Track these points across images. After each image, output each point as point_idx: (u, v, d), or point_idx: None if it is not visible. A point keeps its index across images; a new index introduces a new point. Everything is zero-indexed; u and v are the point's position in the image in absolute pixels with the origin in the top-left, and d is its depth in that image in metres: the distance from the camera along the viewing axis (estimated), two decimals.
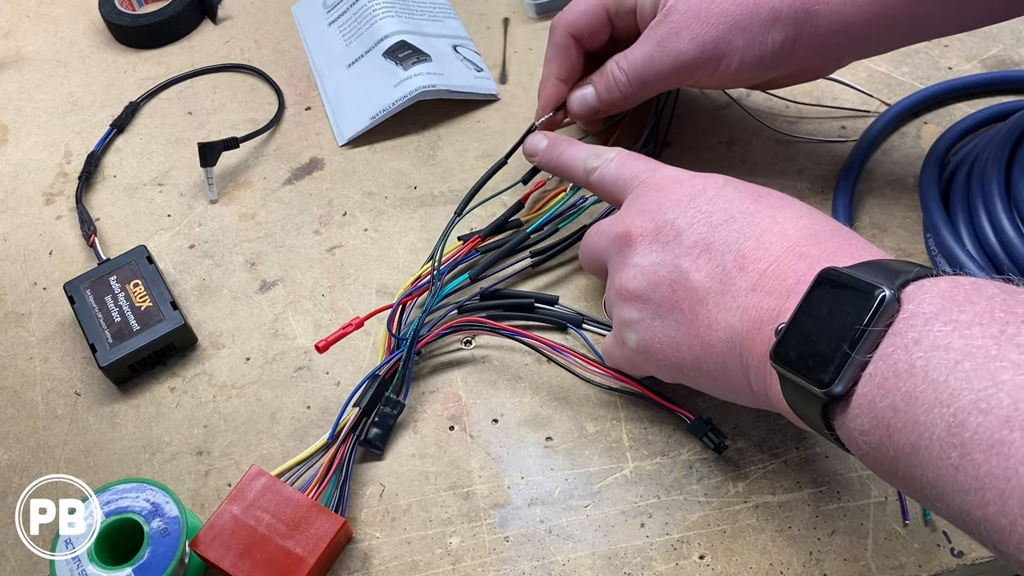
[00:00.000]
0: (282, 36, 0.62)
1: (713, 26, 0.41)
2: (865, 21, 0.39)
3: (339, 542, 0.37)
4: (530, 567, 0.37)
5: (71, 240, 0.52)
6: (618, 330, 0.37)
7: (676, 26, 0.41)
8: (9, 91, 0.61)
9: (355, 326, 0.41)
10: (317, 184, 0.53)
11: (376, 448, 0.40)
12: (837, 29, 0.39)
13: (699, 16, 0.41)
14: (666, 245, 0.34)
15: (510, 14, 0.61)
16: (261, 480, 0.37)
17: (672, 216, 0.35)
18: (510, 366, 0.43)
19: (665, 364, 0.35)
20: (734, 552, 0.37)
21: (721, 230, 0.33)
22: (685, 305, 0.33)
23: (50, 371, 0.46)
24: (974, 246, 0.42)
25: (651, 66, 0.43)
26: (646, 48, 0.43)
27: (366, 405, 0.40)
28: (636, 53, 0.43)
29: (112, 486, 0.37)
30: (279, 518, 0.36)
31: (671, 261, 0.34)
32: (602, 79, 0.45)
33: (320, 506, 0.36)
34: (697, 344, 0.33)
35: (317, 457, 0.39)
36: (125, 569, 0.35)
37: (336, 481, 0.38)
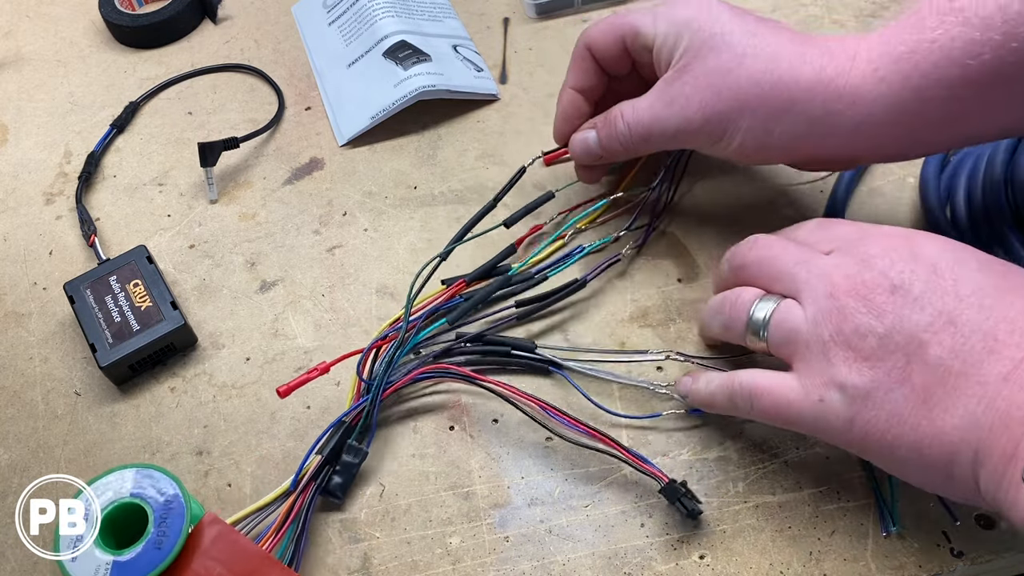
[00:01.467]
0: (282, 36, 0.62)
1: (723, 100, 0.39)
2: (893, 122, 0.36)
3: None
4: (530, 567, 0.37)
5: (71, 240, 0.52)
6: (820, 388, 0.32)
7: (688, 89, 0.40)
8: (9, 91, 0.61)
9: (320, 372, 0.39)
10: (317, 184, 0.53)
11: (336, 497, 0.39)
12: (859, 131, 0.37)
13: (712, 85, 0.39)
14: (903, 309, 0.31)
15: (510, 14, 0.61)
16: (215, 528, 0.35)
17: (911, 278, 0.31)
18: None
19: (870, 440, 0.32)
20: (734, 552, 0.37)
21: (968, 304, 0.30)
22: (919, 381, 0.30)
23: (50, 371, 0.46)
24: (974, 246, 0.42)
25: (655, 124, 0.41)
26: (654, 105, 0.41)
27: (329, 453, 0.39)
28: (643, 107, 0.42)
29: (101, 477, 0.37)
30: (231, 570, 0.35)
31: (909, 329, 0.30)
32: (605, 125, 0.44)
33: (273, 559, 0.35)
34: (924, 426, 0.30)
35: (276, 505, 0.38)
36: (138, 546, 0.35)
37: (292, 532, 0.37)
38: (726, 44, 0.39)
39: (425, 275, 0.42)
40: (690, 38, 0.40)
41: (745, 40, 0.39)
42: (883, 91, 0.36)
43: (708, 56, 0.39)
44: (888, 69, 0.35)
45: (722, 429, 0.40)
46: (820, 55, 0.37)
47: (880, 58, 0.36)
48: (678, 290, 0.45)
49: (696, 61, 0.39)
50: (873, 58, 0.36)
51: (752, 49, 0.38)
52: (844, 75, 0.36)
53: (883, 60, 0.36)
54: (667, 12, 0.41)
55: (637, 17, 0.42)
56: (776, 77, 0.38)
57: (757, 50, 0.38)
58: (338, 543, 0.38)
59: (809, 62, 0.37)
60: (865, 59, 0.36)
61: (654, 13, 0.42)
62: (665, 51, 0.41)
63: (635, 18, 0.42)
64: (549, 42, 0.59)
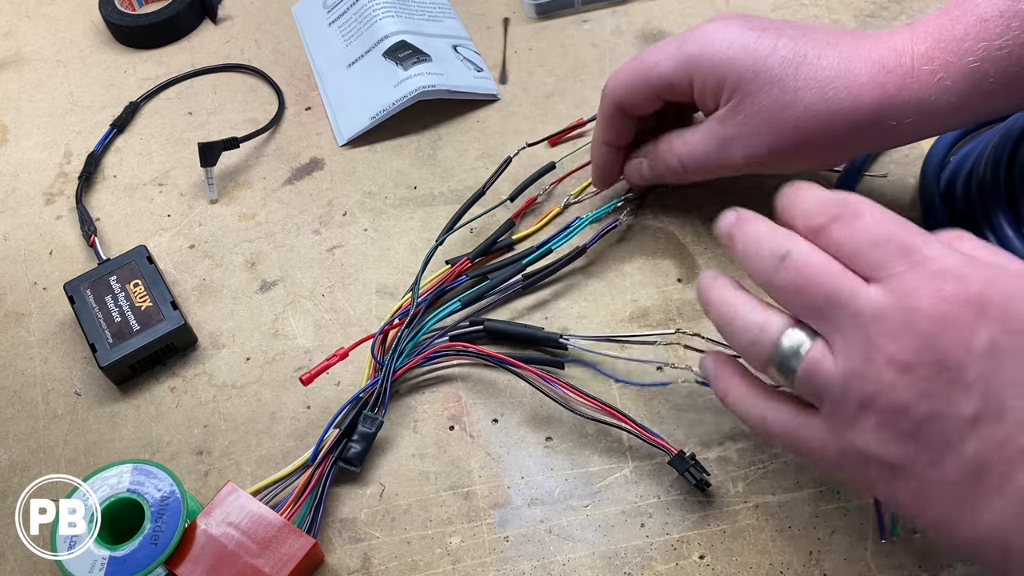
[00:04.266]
0: (282, 36, 0.62)
1: (784, 136, 0.38)
2: (958, 120, 0.36)
3: (309, 563, 0.36)
4: (530, 567, 0.37)
5: (71, 240, 0.52)
6: (840, 445, 0.29)
7: (745, 130, 0.38)
8: (9, 91, 0.61)
9: (340, 357, 0.41)
10: (317, 184, 0.53)
11: (354, 466, 0.39)
12: (922, 132, 0.37)
13: (769, 123, 0.37)
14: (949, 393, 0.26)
15: (510, 14, 0.61)
16: (235, 497, 0.37)
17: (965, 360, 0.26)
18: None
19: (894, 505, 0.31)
20: (734, 552, 0.37)
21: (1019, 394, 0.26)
22: (952, 471, 0.26)
23: (50, 371, 0.46)
24: None
25: (708, 163, 0.40)
26: (708, 144, 0.40)
27: (347, 427, 0.40)
28: (695, 144, 0.41)
29: (97, 473, 0.37)
30: (250, 536, 0.36)
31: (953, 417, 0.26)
32: (656, 158, 0.43)
33: (292, 526, 0.36)
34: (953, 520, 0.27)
35: (295, 476, 0.39)
36: (135, 541, 0.35)
37: (311, 502, 0.38)
38: (775, 79, 0.37)
39: (427, 261, 0.45)
40: (734, 79, 0.38)
41: (792, 71, 0.37)
42: (950, 99, 0.35)
43: (759, 95, 0.37)
44: (954, 78, 0.35)
45: (722, 429, 0.40)
46: (874, 71, 0.36)
47: (944, 67, 0.35)
48: (678, 290, 0.45)
49: (747, 100, 0.38)
50: (935, 65, 0.35)
51: (803, 80, 0.37)
52: (906, 89, 0.35)
53: (948, 70, 0.35)
54: (699, 55, 0.39)
55: (667, 67, 0.40)
56: (835, 106, 0.36)
57: (808, 79, 0.37)
58: (338, 543, 0.38)
59: (866, 82, 0.36)
60: (924, 65, 0.35)
61: (684, 58, 0.39)
62: (709, 95, 0.39)
63: (665, 68, 0.40)
64: (549, 42, 0.59)
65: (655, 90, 0.41)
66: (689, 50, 0.39)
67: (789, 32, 0.38)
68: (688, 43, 0.39)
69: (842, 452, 0.29)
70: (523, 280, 0.45)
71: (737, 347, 0.32)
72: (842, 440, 0.29)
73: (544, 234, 0.48)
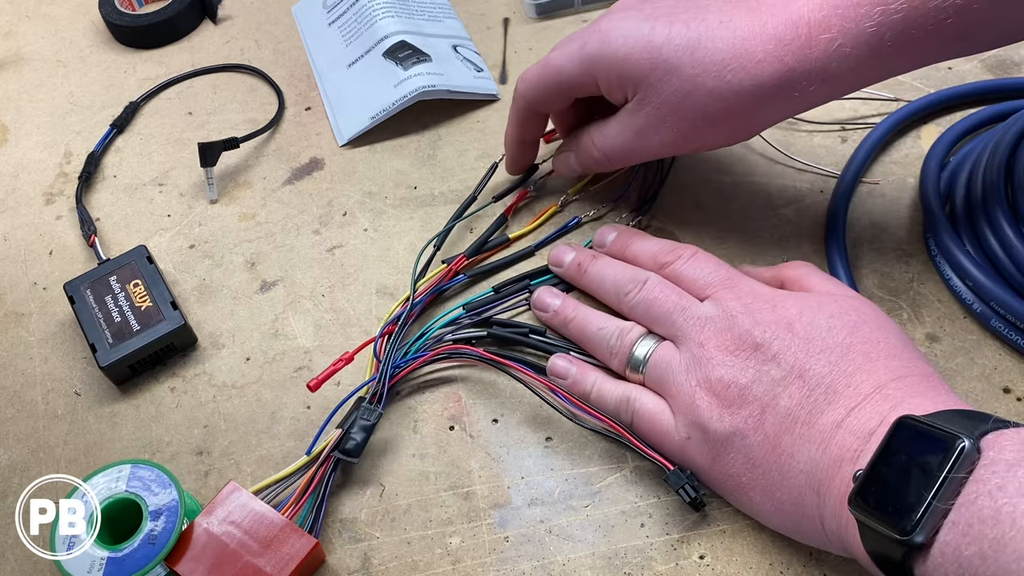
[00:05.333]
0: (282, 36, 0.62)
1: (692, 120, 0.39)
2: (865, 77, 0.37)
3: (310, 563, 0.36)
4: (530, 567, 0.37)
5: (71, 240, 0.52)
6: (686, 426, 0.36)
7: (653, 118, 0.39)
8: (9, 91, 0.61)
9: (345, 361, 0.41)
10: (317, 184, 0.53)
11: (353, 457, 0.39)
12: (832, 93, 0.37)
13: (676, 110, 0.39)
14: (762, 364, 0.34)
15: (510, 14, 0.61)
16: (237, 496, 0.37)
17: (771, 337, 0.34)
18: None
19: (729, 481, 0.35)
20: (734, 552, 0.37)
21: (817, 360, 0.33)
22: (771, 429, 0.33)
23: (50, 371, 0.46)
24: (974, 246, 0.42)
25: (629, 153, 0.42)
26: (624, 135, 0.41)
27: (346, 425, 0.40)
28: (612, 136, 0.42)
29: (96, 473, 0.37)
30: (252, 535, 0.36)
31: (766, 382, 0.33)
32: (580, 152, 0.45)
33: (294, 526, 0.36)
34: (775, 471, 0.33)
35: (296, 476, 0.39)
36: (133, 542, 0.35)
37: (312, 502, 0.38)
38: (673, 69, 0.38)
39: (424, 261, 0.46)
40: (634, 74, 0.39)
41: (687, 57, 0.37)
42: (849, 64, 0.35)
43: (660, 86, 0.38)
44: (852, 44, 0.35)
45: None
46: (771, 46, 0.36)
47: (842, 33, 0.35)
48: None
49: (650, 93, 0.39)
50: (832, 32, 0.35)
51: (700, 66, 0.37)
52: (805, 60, 0.36)
53: (846, 36, 0.35)
54: (598, 55, 0.40)
55: (570, 70, 0.41)
56: (736, 87, 0.37)
57: (705, 64, 0.37)
58: (338, 543, 0.38)
59: (763, 59, 0.36)
60: (822, 34, 0.35)
61: (585, 59, 0.40)
62: (615, 91, 0.40)
63: (569, 71, 0.41)
64: (549, 42, 0.59)
65: (563, 91, 0.42)
66: (588, 51, 0.40)
67: (683, 16, 0.38)
68: (587, 43, 0.40)
69: (687, 432, 0.35)
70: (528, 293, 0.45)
71: (599, 350, 0.40)
72: (686, 420, 0.35)
73: (543, 233, 0.48)
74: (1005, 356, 0.41)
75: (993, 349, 0.41)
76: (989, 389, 0.40)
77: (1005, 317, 0.40)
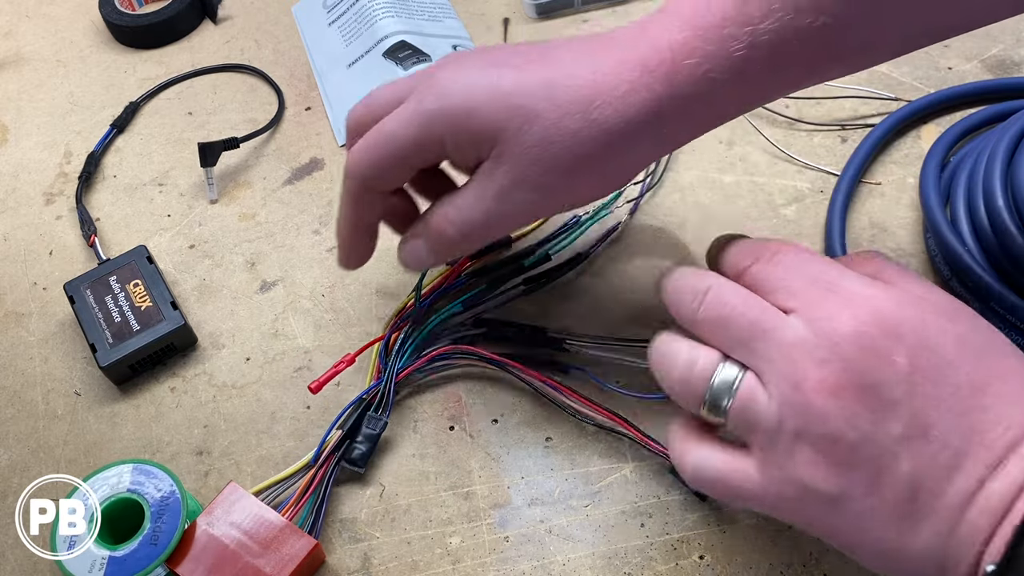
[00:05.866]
0: (282, 36, 0.62)
1: (558, 171, 0.33)
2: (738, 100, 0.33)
3: (311, 564, 0.36)
4: (530, 567, 0.37)
5: (71, 240, 0.52)
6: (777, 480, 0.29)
7: (515, 175, 0.33)
8: (9, 91, 0.61)
9: (347, 363, 0.41)
10: (317, 184, 0.53)
11: (359, 467, 0.39)
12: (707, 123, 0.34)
13: (541, 161, 0.32)
14: (877, 414, 0.27)
15: (510, 14, 0.61)
16: (237, 497, 0.37)
17: (886, 377, 0.27)
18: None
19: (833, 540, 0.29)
20: (734, 552, 0.37)
21: (942, 410, 0.26)
22: (889, 495, 0.27)
23: (50, 371, 0.46)
24: (975, 246, 0.42)
25: (491, 222, 0.35)
26: (482, 202, 0.34)
27: (350, 428, 0.40)
28: (469, 206, 0.34)
29: (97, 473, 0.37)
30: (252, 536, 0.36)
31: (882, 439, 0.27)
32: (430, 236, 0.36)
33: (293, 527, 0.36)
34: (891, 541, 0.27)
35: (297, 477, 0.39)
36: (134, 542, 0.35)
37: (312, 503, 0.38)
38: (530, 116, 0.32)
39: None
40: (487, 129, 0.33)
41: (544, 102, 0.32)
42: (720, 90, 0.32)
43: (519, 137, 0.32)
44: (720, 70, 0.31)
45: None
46: (635, 75, 0.32)
47: (707, 58, 0.31)
48: None
49: (508, 146, 0.33)
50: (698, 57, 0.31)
51: (561, 108, 0.32)
52: (674, 86, 0.31)
53: (713, 61, 0.31)
54: (440, 112, 0.33)
55: (408, 134, 0.34)
56: (605, 126, 0.32)
57: (567, 105, 0.32)
58: (338, 543, 0.38)
59: (629, 90, 0.32)
60: (687, 59, 0.31)
61: (425, 119, 0.34)
62: (466, 151, 0.34)
63: (407, 136, 0.34)
64: None
65: (404, 161, 0.35)
66: (427, 108, 0.33)
67: (531, 58, 0.34)
68: (424, 100, 0.34)
69: (780, 490, 0.29)
70: (524, 286, 0.45)
71: (669, 385, 0.32)
72: (779, 475, 0.29)
73: (543, 231, 0.48)
74: None
75: None
76: None
77: (1005, 317, 0.40)
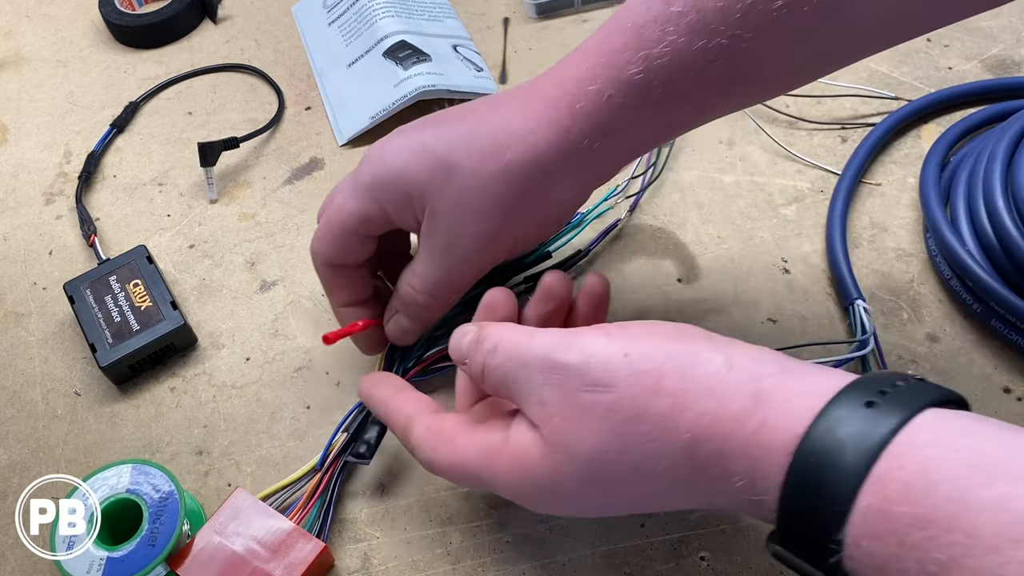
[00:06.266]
0: (282, 36, 0.62)
1: (491, 217, 0.34)
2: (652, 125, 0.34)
3: (319, 567, 0.36)
4: (530, 567, 0.37)
5: (71, 240, 0.52)
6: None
7: (451, 227, 0.35)
8: (9, 91, 0.61)
9: (362, 326, 0.40)
10: (317, 184, 0.53)
11: (365, 460, 0.39)
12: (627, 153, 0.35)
13: (471, 210, 0.34)
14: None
15: (510, 14, 0.61)
16: (244, 502, 0.37)
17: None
18: None
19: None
20: (734, 552, 0.37)
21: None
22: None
23: (50, 371, 0.46)
24: (975, 246, 0.42)
25: (451, 278, 0.37)
26: (434, 261, 0.36)
27: (355, 430, 0.40)
28: (425, 269, 0.37)
29: (97, 473, 0.37)
30: (260, 541, 0.36)
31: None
32: (404, 306, 0.38)
33: (302, 530, 0.36)
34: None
35: (304, 481, 0.39)
36: (132, 543, 0.35)
37: (320, 506, 0.38)
38: (451, 168, 0.34)
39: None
40: (416, 188, 0.35)
41: (461, 154, 0.34)
42: (627, 115, 0.32)
43: (445, 191, 0.34)
44: (622, 93, 0.32)
45: None
46: (542, 112, 0.33)
47: (608, 83, 0.32)
48: (678, 290, 0.45)
49: (437, 200, 0.35)
50: (599, 83, 0.32)
51: (476, 156, 0.34)
52: (580, 116, 0.33)
53: (614, 85, 0.32)
54: (375, 180, 0.36)
55: (354, 205, 0.36)
56: (519, 165, 0.33)
57: (481, 152, 0.34)
58: (338, 543, 0.38)
59: (536, 127, 0.33)
60: (589, 86, 0.32)
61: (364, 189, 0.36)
62: (406, 215, 0.36)
63: (353, 207, 0.36)
64: (549, 42, 0.59)
65: (357, 233, 0.37)
66: (364, 180, 0.36)
67: (451, 118, 0.36)
68: (361, 173, 0.36)
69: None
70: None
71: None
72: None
73: None
74: (1005, 356, 0.41)
75: (993, 349, 0.41)
76: (989, 389, 0.40)
77: (1005, 317, 0.40)
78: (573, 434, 0.28)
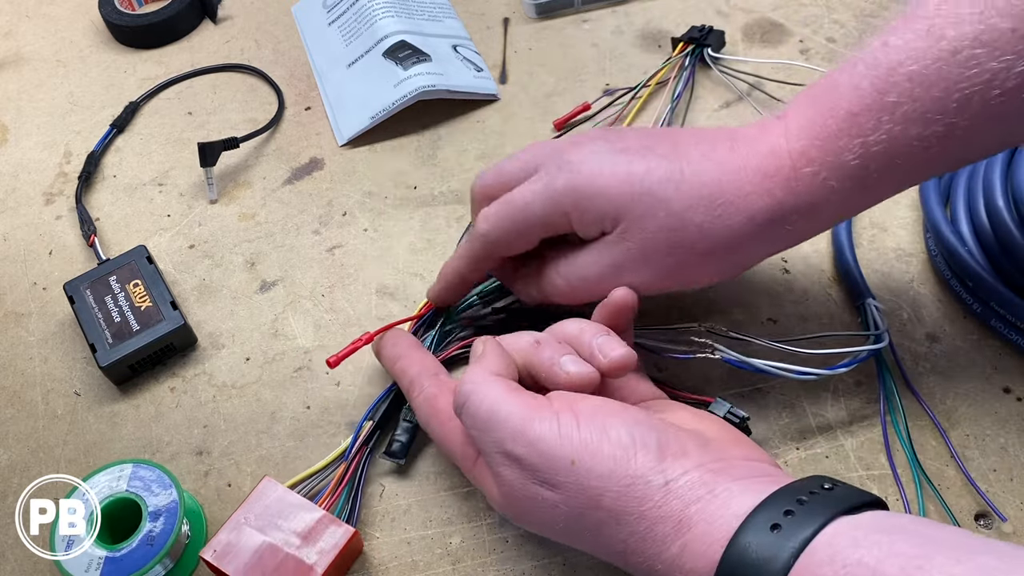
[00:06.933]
0: (282, 36, 0.62)
1: (677, 256, 0.35)
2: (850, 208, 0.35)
3: (350, 552, 0.37)
4: (530, 567, 0.37)
5: (71, 240, 0.52)
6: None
7: (635, 253, 0.36)
8: (9, 91, 0.61)
9: (365, 341, 0.40)
10: (317, 184, 0.53)
11: (399, 458, 0.39)
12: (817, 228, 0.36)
13: (663, 247, 0.35)
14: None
15: (510, 14, 0.61)
16: (273, 490, 0.37)
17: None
18: None
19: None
20: None
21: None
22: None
23: (50, 371, 0.46)
24: (975, 246, 0.42)
25: (599, 287, 0.37)
26: (597, 268, 0.37)
27: (380, 419, 0.40)
28: (585, 267, 0.37)
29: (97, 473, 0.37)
30: (290, 528, 0.36)
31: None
32: (543, 284, 0.39)
33: (331, 516, 0.36)
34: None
35: (330, 469, 0.40)
36: (131, 542, 0.35)
37: (348, 492, 0.38)
38: (658, 202, 0.35)
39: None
40: (613, 210, 0.35)
41: (672, 191, 0.35)
42: (838, 198, 0.34)
43: (644, 221, 0.35)
44: (837, 177, 0.33)
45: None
46: (757, 179, 0.34)
47: (824, 167, 0.33)
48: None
49: (633, 228, 0.35)
50: (815, 166, 0.33)
51: (688, 200, 0.34)
52: (793, 193, 0.34)
53: (830, 169, 0.33)
54: (570, 190, 0.36)
55: (540, 207, 0.37)
56: (728, 222, 0.34)
57: (693, 198, 0.34)
58: None
59: (751, 192, 0.34)
60: (805, 167, 0.33)
61: (556, 195, 0.36)
62: (590, 226, 0.37)
63: (538, 209, 0.37)
64: (549, 42, 0.59)
65: (532, 231, 0.38)
66: (558, 187, 0.36)
67: (659, 149, 0.36)
68: (556, 179, 0.37)
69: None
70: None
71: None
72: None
73: None
74: (1005, 356, 0.41)
75: (993, 349, 0.41)
76: (989, 389, 0.40)
77: (1005, 317, 0.40)
78: (524, 510, 0.32)
